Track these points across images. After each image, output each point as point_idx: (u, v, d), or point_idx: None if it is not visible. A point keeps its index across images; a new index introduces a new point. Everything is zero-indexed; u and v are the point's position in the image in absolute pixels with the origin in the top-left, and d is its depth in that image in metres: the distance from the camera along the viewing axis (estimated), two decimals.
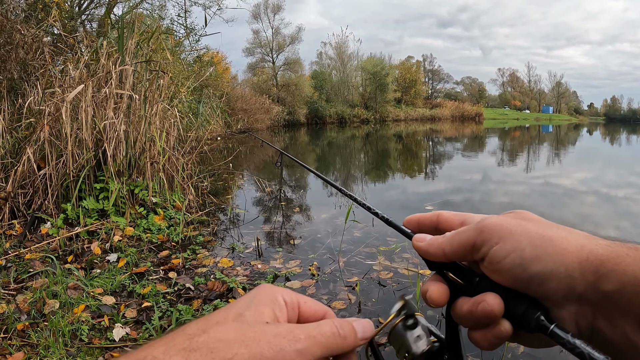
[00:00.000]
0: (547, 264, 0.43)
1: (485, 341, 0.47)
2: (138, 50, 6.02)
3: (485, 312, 0.45)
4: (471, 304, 0.47)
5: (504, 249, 0.45)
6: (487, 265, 0.47)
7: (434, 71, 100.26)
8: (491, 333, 0.46)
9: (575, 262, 0.42)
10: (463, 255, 0.49)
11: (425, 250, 0.53)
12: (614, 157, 19.37)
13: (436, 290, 0.50)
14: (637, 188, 9.97)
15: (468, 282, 0.49)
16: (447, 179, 11.23)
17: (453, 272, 0.51)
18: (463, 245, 0.49)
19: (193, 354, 0.36)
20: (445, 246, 0.50)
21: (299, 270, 4.17)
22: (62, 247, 4.35)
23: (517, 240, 0.45)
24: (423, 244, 0.53)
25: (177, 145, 6.55)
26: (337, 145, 22.29)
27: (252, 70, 49.21)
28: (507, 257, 0.44)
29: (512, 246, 0.45)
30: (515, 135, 36.79)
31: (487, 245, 0.46)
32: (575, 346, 0.39)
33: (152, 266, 4.10)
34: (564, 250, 0.43)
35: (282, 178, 11.17)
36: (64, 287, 3.35)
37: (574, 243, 0.43)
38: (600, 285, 0.41)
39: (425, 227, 0.58)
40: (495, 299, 0.45)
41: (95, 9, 14.55)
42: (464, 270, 0.50)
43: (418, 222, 0.59)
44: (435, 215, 0.57)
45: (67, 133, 4.89)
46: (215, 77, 21.40)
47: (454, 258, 0.50)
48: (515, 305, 0.45)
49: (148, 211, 5.29)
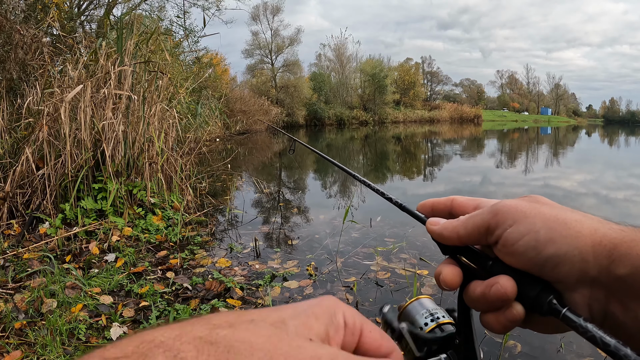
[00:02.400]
0: (561, 247, 0.42)
1: (497, 324, 0.47)
2: (137, 51, 6.04)
3: (498, 294, 0.45)
4: (484, 286, 0.46)
5: (518, 231, 0.45)
6: (501, 248, 0.46)
7: (433, 73, 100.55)
8: (504, 316, 0.46)
9: (589, 245, 0.42)
10: (477, 238, 0.49)
11: (439, 234, 0.52)
12: (613, 159, 19.40)
13: (450, 273, 0.50)
14: (636, 190, 9.99)
15: (481, 265, 0.49)
16: (446, 180, 11.25)
17: (466, 256, 0.51)
18: (477, 227, 0.48)
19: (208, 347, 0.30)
20: (460, 229, 0.50)
21: (297, 270, 4.18)
22: (60, 246, 4.36)
23: (531, 222, 0.44)
24: (437, 228, 0.52)
25: (176, 146, 6.57)
26: (336, 147, 22.31)
27: (251, 72, 49.26)
28: (521, 240, 0.44)
29: (527, 228, 0.44)
30: (514, 137, 36.85)
31: (501, 227, 0.46)
32: (587, 330, 0.39)
33: (150, 266, 4.11)
34: (578, 233, 0.43)
35: (281, 179, 11.19)
36: (61, 286, 3.36)
37: (588, 226, 0.43)
38: (614, 269, 0.41)
39: (439, 212, 0.57)
40: (508, 281, 0.45)
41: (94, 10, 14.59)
42: (477, 254, 0.50)
43: (432, 206, 0.58)
44: (449, 200, 0.56)
45: (65, 133, 4.90)
46: (214, 79, 21.42)
47: (468, 241, 0.50)
48: (528, 288, 0.44)
49: (146, 211, 5.30)
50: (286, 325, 0.34)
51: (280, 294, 3.66)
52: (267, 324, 0.33)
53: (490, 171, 13.20)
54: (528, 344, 2.95)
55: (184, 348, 0.29)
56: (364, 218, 6.13)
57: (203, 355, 0.29)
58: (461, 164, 15.02)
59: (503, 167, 14.64)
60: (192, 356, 0.29)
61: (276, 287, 3.74)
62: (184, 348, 0.29)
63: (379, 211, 6.69)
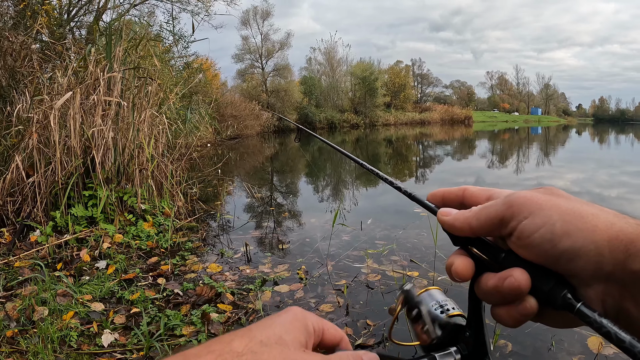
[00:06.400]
0: (577, 240, 0.42)
1: (509, 318, 0.46)
2: (126, 57, 6.04)
3: (512, 287, 0.44)
4: (497, 279, 0.45)
5: (533, 224, 0.44)
6: (515, 240, 0.45)
7: (423, 75, 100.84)
8: (516, 309, 0.45)
9: (605, 239, 0.41)
10: (490, 229, 0.48)
11: (450, 225, 0.51)
12: (604, 157, 19.52)
13: (462, 264, 0.49)
14: (629, 187, 10.08)
15: (493, 257, 0.48)
16: (439, 182, 11.28)
17: (478, 248, 0.50)
18: (491, 219, 0.47)
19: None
20: (472, 220, 0.49)
21: (288, 274, 4.20)
22: (51, 254, 4.36)
23: (547, 215, 0.43)
24: (449, 218, 0.51)
25: (166, 152, 6.57)
26: (327, 150, 22.31)
27: (242, 77, 49.18)
28: (536, 232, 0.43)
29: (542, 221, 0.43)
30: (505, 137, 37.00)
31: (515, 219, 0.45)
32: (602, 325, 0.39)
33: (141, 272, 4.11)
34: (594, 227, 0.42)
35: (273, 183, 11.20)
36: (52, 294, 3.36)
37: (604, 220, 0.42)
38: (630, 264, 0.40)
39: (450, 202, 0.56)
40: (522, 274, 0.44)
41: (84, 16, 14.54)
42: (489, 246, 0.49)
43: (443, 196, 0.57)
44: (461, 190, 0.55)
45: (55, 140, 4.90)
46: (204, 84, 21.40)
47: (480, 233, 0.49)
48: (542, 281, 0.44)
49: (137, 218, 5.30)
50: (285, 342, 0.42)
51: (271, 298, 3.67)
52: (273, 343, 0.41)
53: (483, 171, 13.26)
54: (519, 343, 2.97)
55: None
56: (355, 221, 6.16)
57: None
58: (453, 165, 15.08)
59: (495, 167, 14.71)
60: None
61: (267, 291, 3.76)
62: None
63: (370, 214, 6.72)
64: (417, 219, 6.16)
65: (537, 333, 3.06)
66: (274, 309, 3.49)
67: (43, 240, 4.54)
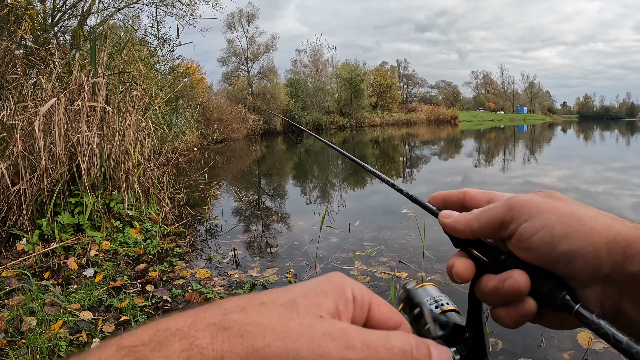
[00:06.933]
0: (575, 243, 0.42)
1: (509, 319, 0.47)
2: (111, 62, 6.01)
3: (511, 289, 0.44)
4: (497, 281, 0.46)
5: (533, 226, 0.44)
6: (515, 243, 0.46)
7: (409, 76, 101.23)
8: (516, 310, 0.46)
9: (603, 241, 0.42)
10: (491, 232, 0.48)
11: (451, 227, 0.51)
12: (590, 154, 19.73)
13: (462, 265, 0.49)
14: (615, 183, 10.21)
15: (494, 259, 0.48)
16: (427, 182, 11.34)
17: (478, 250, 0.50)
18: (491, 222, 0.48)
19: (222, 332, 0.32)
20: (473, 223, 0.49)
21: (276, 278, 4.21)
22: (38, 263, 4.32)
23: (546, 217, 0.44)
24: (450, 220, 0.52)
25: (152, 157, 6.54)
26: (315, 152, 22.31)
27: (228, 80, 48.93)
28: (536, 235, 0.44)
29: (542, 223, 0.44)
30: (491, 136, 37.26)
31: (515, 222, 0.46)
32: (599, 326, 0.39)
33: (129, 280, 4.10)
34: (592, 229, 0.42)
35: (261, 187, 11.18)
36: (40, 304, 3.34)
37: (602, 223, 0.43)
38: (627, 266, 0.40)
39: (451, 205, 0.56)
40: (522, 275, 0.44)
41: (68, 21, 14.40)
42: (489, 248, 0.50)
43: (444, 199, 0.57)
44: (462, 193, 0.56)
45: (40, 147, 4.85)
46: (190, 88, 21.31)
47: (480, 235, 0.49)
48: (542, 283, 0.44)
49: (124, 224, 5.27)
50: (296, 304, 0.35)
51: None
52: (278, 305, 0.35)
53: (470, 171, 13.34)
54: (509, 341, 3.01)
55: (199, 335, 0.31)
56: (343, 223, 6.17)
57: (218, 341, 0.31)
58: (441, 165, 15.16)
59: (482, 166, 14.82)
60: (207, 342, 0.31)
61: None
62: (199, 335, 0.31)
63: (358, 215, 6.75)
64: (405, 220, 6.19)
65: (527, 330, 3.10)
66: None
67: (30, 249, 4.50)
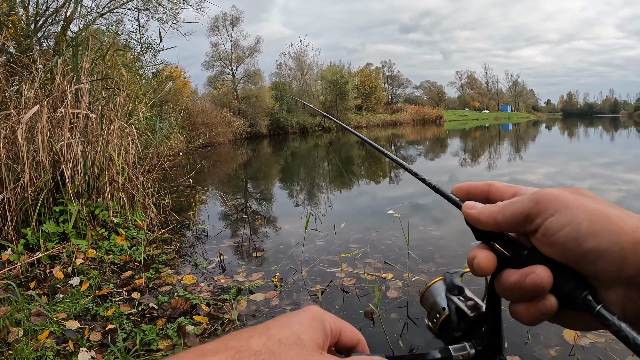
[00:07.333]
0: (602, 241, 0.41)
1: (528, 315, 0.46)
2: (94, 67, 5.98)
3: (534, 284, 0.44)
4: (519, 275, 0.45)
5: (559, 222, 0.43)
6: (540, 237, 0.45)
7: (393, 77, 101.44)
8: (536, 307, 0.45)
9: (630, 242, 0.40)
10: (515, 225, 0.47)
11: (475, 218, 0.50)
12: (575, 150, 19.95)
13: (484, 257, 0.48)
14: (600, 178, 10.37)
15: (516, 254, 0.47)
16: (413, 182, 11.26)
17: (500, 243, 0.49)
18: (516, 215, 0.47)
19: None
20: (498, 215, 0.48)
21: (262, 282, 4.23)
22: (24, 273, 4.30)
23: (574, 213, 0.43)
24: (474, 212, 0.51)
25: (137, 163, 6.52)
26: (301, 154, 22.36)
27: (212, 84, 48.69)
28: (562, 230, 0.43)
29: (569, 219, 0.43)
30: (476, 135, 37.51)
31: (541, 216, 0.45)
32: (620, 329, 0.39)
33: (115, 288, 4.09)
34: (620, 229, 0.41)
35: (247, 190, 11.18)
36: (26, 314, 3.33)
37: (630, 224, 0.41)
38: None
39: (475, 197, 0.55)
40: (545, 271, 0.44)
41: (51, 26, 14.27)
42: (512, 242, 0.48)
43: (468, 191, 0.56)
44: (487, 185, 0.55)
45: (23, 156, 4.83)
46: (174, 92, 21.24)
47: (504, 228, 0.48)
48: (564, 280, 0.43)
49: (109, 232, 5.26)
50: (303, 342, 0.42)
51: (247, 308, 3.70)
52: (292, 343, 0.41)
53: (456, 170, 13.44)
54: None
55: None
56: (328, 225, 6.20)
57: None
58: (427, 165, 15.23)
59: (468, 165, 14.92)
60: None
61: (242, 300, 3.78)
62: None
63: (344, 217, 6.78)
64: (390, 221, 6.23)
65: (513, 327, 3.14)
66: (249, 318, 3.52)
67: (15, 259, 4.48)
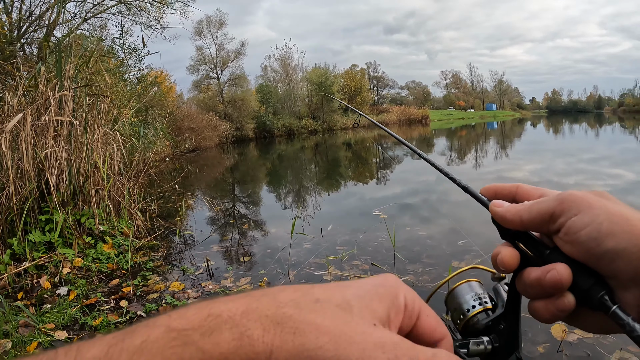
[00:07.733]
0: (620, 242, 0.42)
1: (546, 312, 0.47)
2: (77, 74, 5.95)
3: (554, 280, 0.45)
4: (540, 272, 0.46)
5: (581, 221, 0.45)
6: (563, 236, 0.46)
7: (379, 78, 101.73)
8: (554, 304, 0.46)
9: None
10: (540, 224, 0.49)
11: (502, 216, 0.52)
12: (560, 147, 20.13)
13: (508, 254, 0.50)
14: (586, 174, 10.51)
15: (538, 253, 0.49)
16: (401, 182, 11.43)
17: (524, 243, 0.51)
18: (542, 214, 0.48)
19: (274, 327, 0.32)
20: (524, 213, 0.50)
21: (250, 287, 4.23)
22: (11, 284, 4.27)
23: (595, 214, 0.44)
24: (500, 210, 0.52)
25: (122, 169, 6.49)
26: (288, 157, 22.34)
27: (198, 88, 48.45)
28: (583, 229, 0.44)
29: (590, 219, 0.44)
30: (462, 134, 37.73)
31: (565, 215, 0.46)
32: (634, 329, 0.39)
33: (103, 296, 4.08)
34: (639, 231, 0.42)
35: (235, 195, 11.16)
36: (14, 325, 3.31)
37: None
38: None
39: (502, 197, 0.57)
40: (565, 269, 0.45)
41: (34, 32, 14.17)
42: (535, 242, 0.50)
43: (495, 191, 0.58)
44: (515, 187, 0.56)
45: (8, 165, 4.79)
46: (159, 97, 21.16)
47: (529, 227, 0.50)
48: (583, 279, 0.45)
49: (96, 240, 5.24)
50: (351, 307, 0.36)
51: None
52: (332, 305, 0.35)
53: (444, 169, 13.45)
54: None
55: (250, 325, 0.32)
56: (315, 228, 6.22)
57: (269, 335, 0.32)
58: (414, 165, 15.27)
59: (454, 164, 14.97)
60: (258, 334, 0.32)
61: None
62: (250, 325, 0.32)
63: (332, 219, 6.80)
64: (377, 222, 6.26)
65: None
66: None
67: (1, 269, 4.44)
